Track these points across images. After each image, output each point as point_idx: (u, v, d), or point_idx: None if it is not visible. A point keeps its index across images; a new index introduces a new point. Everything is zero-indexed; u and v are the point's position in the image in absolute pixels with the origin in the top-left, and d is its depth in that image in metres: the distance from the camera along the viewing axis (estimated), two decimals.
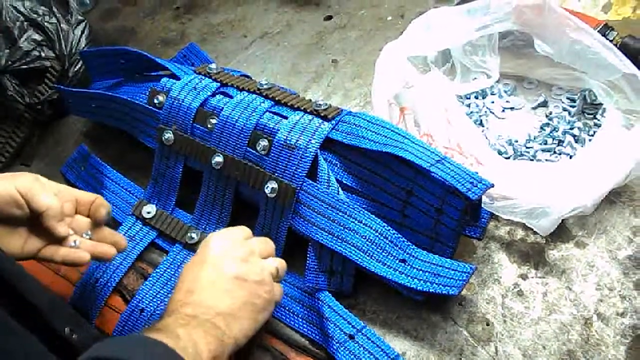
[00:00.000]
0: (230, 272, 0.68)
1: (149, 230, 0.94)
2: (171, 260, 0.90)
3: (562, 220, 0.80)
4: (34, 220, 0.74)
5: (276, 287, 0.72)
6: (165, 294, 0.86)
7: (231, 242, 0.72)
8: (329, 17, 1.33)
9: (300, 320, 0.81)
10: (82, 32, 1.22)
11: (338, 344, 0.75)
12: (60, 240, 0.75)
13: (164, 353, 0.55)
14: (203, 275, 0.68)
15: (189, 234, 0.90)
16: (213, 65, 1.00)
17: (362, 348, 0.75)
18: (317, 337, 0.79)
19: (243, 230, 0.75)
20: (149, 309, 0.84)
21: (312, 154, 0.82)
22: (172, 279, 0.88)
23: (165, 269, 0.89)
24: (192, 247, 0.90)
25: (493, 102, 1.02)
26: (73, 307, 0.87)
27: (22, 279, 0.68)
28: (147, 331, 0.59)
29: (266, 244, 0.76)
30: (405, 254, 0.77)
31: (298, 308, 0.82)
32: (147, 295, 0.86)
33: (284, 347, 0.80)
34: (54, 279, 0.94)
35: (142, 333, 0.59)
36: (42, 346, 0.58)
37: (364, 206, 0.82)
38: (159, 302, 0.85)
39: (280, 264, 0.75)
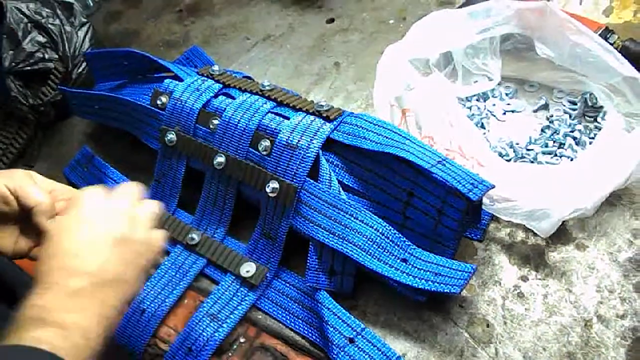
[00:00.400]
0: (112, 233, 0.62)
1: None
2: (172, 261, 0.90)
3: (563, 222, 0.81)
4: (25, 218, 0.70)
5: (154, 234, 0.68)
6: (167, 295, 0.86)
7: (104, 199, 0.67)
8: (331, 20, 1.34)
9: (301, 322, 0.81)
10: (86, 34, 1.23)
11: (338, 349, 0.75)
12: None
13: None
14: (83, 235, 0.61)
15: (189, 235, 0.90)
16: (216, 67, 1.01)
17: (362, 352, 0.75)
18: (318, 339, 0.79)
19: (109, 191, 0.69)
20: (150, 310, 0.85)
21: (313, 154, 0.83)
22: (174, 280, 0.88)
23: (166, 269, 0.89)
24: (192, 248, 0.90)
25: (494, 105, 1.02)
26: None
27: (18, 277, 0.68)
28: (30, 322, 0.54)
29: (131, 189, 0.71)
30: (406, 254, 0.77)
31: (299, 310, 0.83)
32: (148, 296, 0.86)
33: (284, 347, 0.81)
34: None
35: (25, 324, 0.53)
36: None
37: (365, 207, 0.83)
38: (160, 302, 0.85)
39: (152, 205, 0.70)
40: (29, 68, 1.17)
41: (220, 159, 0.89)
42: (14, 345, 0.51)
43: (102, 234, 0.62)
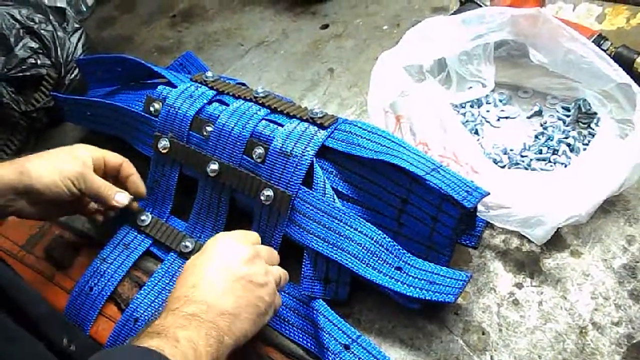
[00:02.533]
0: (236, 272, 0.68)
1: (144, 239, 0.93)
2: (166, 268, 0.89)
3: (557, 229, 0.80)
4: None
5: (277, 296, 0.73)
6: (160, 302, 0.86)
7: (239, 243, 0.72)
8: (325, 26, 1.34)
9: (296, 329, 0.81)
10: (79, 40, 1.23)
11: (333, 356, 0.75)
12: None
13: None
14: (208, 272, 0.67)
15: (183, 243, 0.90)
16: (209, 74, 1.00)
17: (357, 359, 0.75)
18: (313, 347, 0.79)
19: (252, 234, 0.77)
20: (143, 318, 0.84)
21: (307, 161, 0.82)
22: (167, 287, 0.87)
23: (160, 277, 0.88)
24: (186, 256, 0.89)
25: (488, 111, 1.02)
26: (67, 315, 0.87)
27: (21, 290, 0.68)
28: (146, 335, 0.59)
29: (272, 253, 0.77)
30: (400, 262, 0.77)
31: (293, 317, 0.82)
32: (141, 304, 0.86)
33: (278, 355, 0.80)
34: (48, 287, 0.93)
35: (141, 336, 0.59)
36: (48, 353, 0.58)
37: (359, 214, 0.82)
38: (153, 311, 0.85)
39: (283, 274, 0.75)
40: (21, 74, 1.16)
41: (214, 166, 0.89)
42: (129, 346, 0.57)
43: (225, 272, 0.67)
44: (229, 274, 0.67)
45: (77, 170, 0.81)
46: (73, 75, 1.21)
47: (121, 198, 0.86)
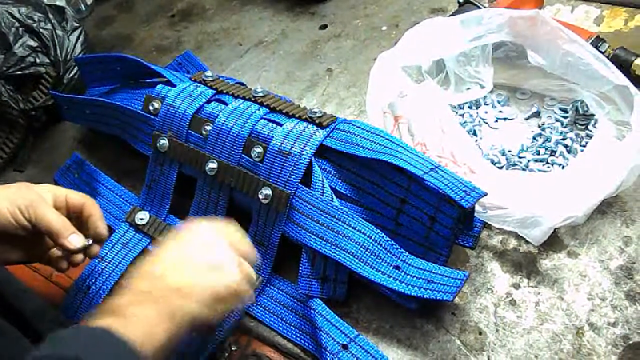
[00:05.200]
0: (205, 258, 0.66)
1: (142, 237, 0.94)
2: None
3: (554, 230, 0.81)
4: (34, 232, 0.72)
5: (245, 286, 0.69)
6: None
7: (211, 231, 0.70)
8: (324, 26, 1.34)
9: (294, 329, 0.81)
10: (78, 39, 1.23)
11: (332, 355, 0.75)
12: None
13: (111, 342, 0.54)
14: (170, 252, 0.66)
15: None
16: (209, 73, 1.00)
17: (355, 359, 0.75)
18: (311, 346, 0.79)
19: (235, 226, 0.73)
20: None
21: (306, 160, 0.83)
22: None
23: None
24: None
25: (486, 112, 1.02)
26: (64, 314, 0.87)
27: (9, 284, 0.68)
28: (101, 313, 0.58)
29: (253, 251, 0.73)
30: (399, 261, 0.77)
31: (291, 317, 0.82)
32: None
33: (276, 354, 0.80)
34: (46, 285, 0.93)
35: (96, 315, 0.58)
36: (32, 347, 0.58)
37: (358, 214, 0.83)
38: None
39: (258, 278, 0.74)
40: (20, 72, 1.16)
41: (213, 165, 0.89)
42: (82, 327, 0.57)
43: (186, 254, 0.66)
44: (192, 257, 0.66)
45: (28, 198, 0.71)
46: (72, 74, 1.21)
47: (75, 240, 0.72)
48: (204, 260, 0.66)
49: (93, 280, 0.89)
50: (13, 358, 0.55)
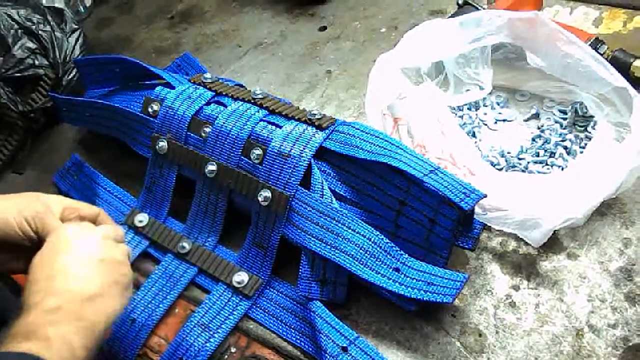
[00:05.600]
0: (90, 255, 0.67)
1: (141, 240, 0.93)
2: (163, 270, 0.89)
3: (554, 231, 0.81)
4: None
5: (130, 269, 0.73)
6: (157, 304, 0.86)
7: (83, 229, 0.71)
8: (324, 28, 1.34)
9: (293, 331, 0.81)
10: (77, 41, 1.23)
11: (332, 358, 0.75)
12: None
13: None
14: (60, 261, 0.65)
15: (180, 244, 0.90)
16: (208, 75, 1.00)
17: None
18: (310, 349, 0.79)
19: (88, 223, 0.74)
20: (140, 319, 0.84)
21: (305, 162, 0.83)
22: (164, 289, 0.87)
23: (157, 278, 0.88)
24: (183, 257, 0.89)
25: (486, 114, 1.03)
26: None
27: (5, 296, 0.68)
28: (17, 336, 0.56)
29: (117, 230, 0.76)
30: (398, 263, 0.77)
31: (290, 319, 0.82)
32: (139, 305, 0.86)
33: (276, 357, 0.80)
34: None
35: (12, 339, 0.56)
36: None
37: (357, 216, 0.83)
38: (150, 312, 0.85)
39: (129, 249, 0.76)
40: (19, 74, 1.16)
41: (212, 167, 0.89)
42: (6, 352, 0.54)
43: (77, 258, 0.65)
44: (85, 259, 0.66)
45: (36, 210, 0.71)
46: (71, 76, 1.21)
47: None
48: (100, 259, 0.67)
49: None
50: None
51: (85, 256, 0.66)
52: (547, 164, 0.93)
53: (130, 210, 0.97)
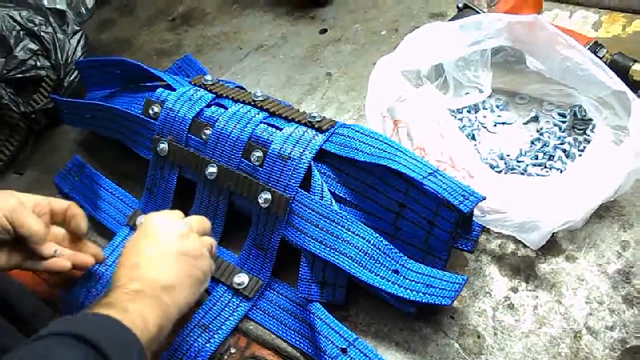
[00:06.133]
0: (172, 247, 0.72)
1: None
2: None
3: (553, 234, 0.81)
4: (17, 238, 0.77)
5: (211, 262, 0.78)
6: None
7: (170, 220, 0.76)
8: (324, 31, 1.35)
9: (293, 332, 0.81)
10: (78, 42, 1.23)
11: (330, 359, 0.75)
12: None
13: (113, 326, 0.59)
14: (146, 251, 0.72)
15: None
16: (208, 77, 1.01)
17: None
18: (310, 350, 0.79)
19: (178, 213, 0.80)
20: None
21: (305, 164, 0.83)
22: None
23: None
24: None
25: (485, 117, 1.03)
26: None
27: (9, 284, 0.70)
28: (97, 306, 0.62)
29: (203, 222, 0.81)
30: (397, 265, 0.78)
31: (290, 320, 0.83)
32: None
33: (275, 358, 0.80)
34: (46, 289, 0.93)
35: (92, 308, 0.62)
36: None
37: (356, 218, 0.83)
38: None
39: (213, 241, 0.80)
40: (20, 75, 1.17)
41: (212, 169, 0.89)
42: (87, 313, 0.61)
43: (163, 249, 0.72)
44: (167, 251, 0.72)
45: (12, 205, 0.76)
46: (72, 77, 1.21)
47: (46, 249, 0.79)
48: (178, 252, 0.72)
49: (93, 283, 0.89)
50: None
51: (168, 249, 0.72)
52: (545, 167, 0.93)
53: (132, 212, 0.98)
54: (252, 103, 0.93)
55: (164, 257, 0.71)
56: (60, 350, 0.53)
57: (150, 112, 0.98)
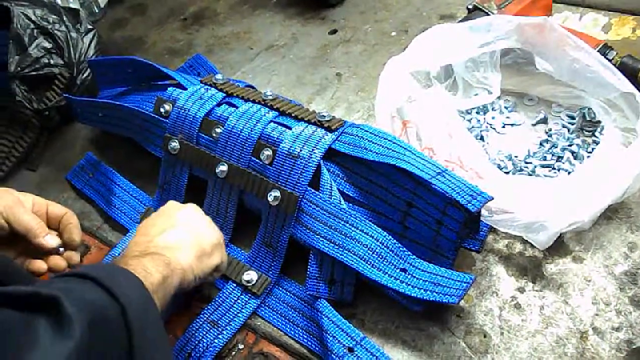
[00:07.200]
0: (186, 222, 0.76)
1: None
2: None
3: (560, 235, 0.81)
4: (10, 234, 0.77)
5: (220, 236, 0.80)
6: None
7: (193, 209, 0.80)
8: (334, 31, 1.36)
9: (301, 330, 0.82)
10: (91, 41, 1.24)
11: (337, 358, 0.76)
12: (30, 251, 0.79)
13: (120, 271, 0.61)
14: (159, 224, 0.75)
15: None
16: (219, 76, 1.02)
17: None
18: (317, 348, 0.80)
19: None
20: None
21: (315, 163, 0.84)
22: None
23: None
24: None
25: (494, 118, 1.03)
26: None
27: (11, 271, 0.71)
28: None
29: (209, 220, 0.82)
30: (405, 263, 0.78)
31: (298, 318, 0.83)
32: None
33: (283, 354, 0.81)
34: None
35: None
36: None
37: (365, 217, 0.84)
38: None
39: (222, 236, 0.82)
40: (34, 73, 1.18)
41: (223, 167, 0.90)
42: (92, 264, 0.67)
43: (167, 222, 0.76)
44: (180, 224, 0.76)
45: (8, 202, 0.76)
46: (85, 76, 1.22)
47: (51, 240, 0.78)
48: (185, 224, 0.76)
49: None
50: None
51: (180, 223, 0.76)
52: (554, 168, 0.94)
53: (145, 209, 0.99)
54: (263, 102, 0.94)
55: (173, 228, 0.75)
56: (68, 284, 0.55)
57: (162, 110, 0.99)
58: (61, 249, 0.79)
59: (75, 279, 0.56)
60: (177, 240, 0.73)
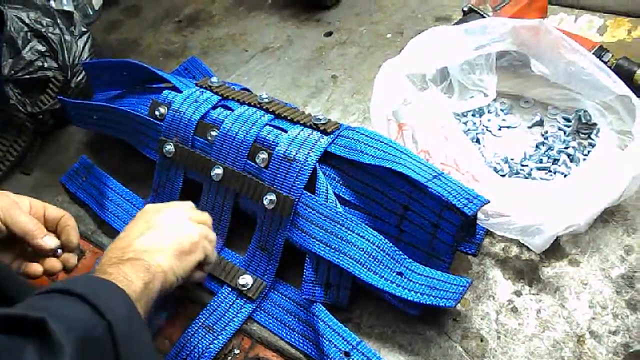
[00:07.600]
0: (163, 223, 0.75)
1: None
2: None
3: (556, 238, 0.81)
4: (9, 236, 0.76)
5: (210, 248, 0.79)
6: None
7: (173, 207, 0.79)
8: (330, 33, 1.35)
9: (296, 335, 0.82)
10: (85, 44, 1.24)
11: None
12: (28, 253, 0.79)
13: (104, 283, 0.61)
14: (137, 227, 0.74)
15: None
16: (214, 79, 1.01)
17: None
18: (313, 353, 0.80)
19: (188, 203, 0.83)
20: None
21: (310, 166, 0.83)
22: None
23: None
24: None
25: (490, 120, 1.03)
26: None
27: (5, 275, 0.70)
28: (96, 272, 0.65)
29: (204, 215, 0.82)
30: (402, 267, 0.78)
31: (294, 322, 0.83)
32: None
33: (278, 359, 0.81)
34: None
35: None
36: None
37: (361, 220, 0.83)
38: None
39: (213, 234, 0.81)
40: (28, 76, 1.18)
41: (218, 170, 0.90)
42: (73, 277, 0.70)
43: (146, 224, 0.75)
44: (156, 224, 0.75)
45: (4, 205, 0.76)
46: (79, 78, 1.22)
47: (49, 241, 0.77)
48: (164, 224, 0.75)
49: None
50: None
51: (156, 223, 0.75)
52: (550, 171, 0.93)
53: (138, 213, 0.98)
54: (258, 105, 0.93)
55: (151, 229, 0.74)
56: (52, 302, 0.55)
57: (157, 113, 0.99)
58: (59, 251, 0.78)
59: (60, 296, 0.56)
60: (155, 242, 0.72)
